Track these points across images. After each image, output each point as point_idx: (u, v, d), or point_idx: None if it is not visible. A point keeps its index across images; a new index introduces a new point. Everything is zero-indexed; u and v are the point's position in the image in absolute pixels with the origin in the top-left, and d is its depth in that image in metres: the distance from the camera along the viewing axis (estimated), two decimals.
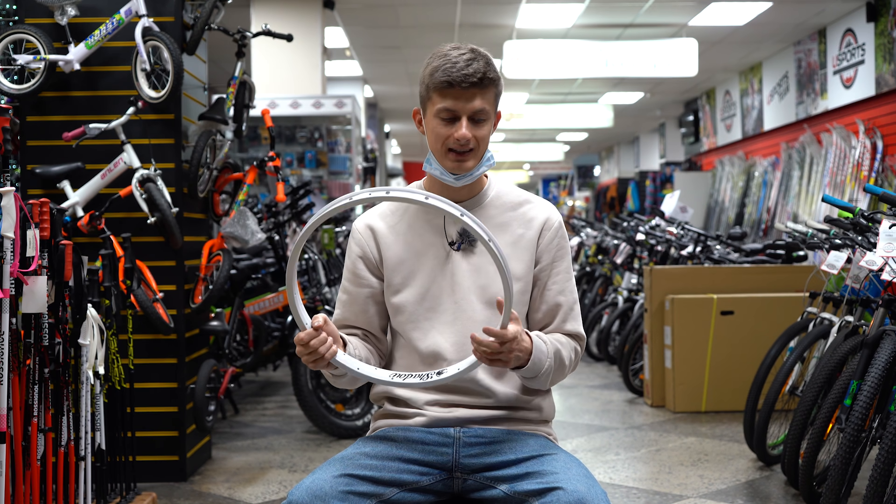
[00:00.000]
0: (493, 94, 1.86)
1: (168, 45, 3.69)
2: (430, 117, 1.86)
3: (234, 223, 4.22)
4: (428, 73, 1.84)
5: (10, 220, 2.40)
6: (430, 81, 1.83)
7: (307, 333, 1.70)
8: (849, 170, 8.44)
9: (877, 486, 2.68)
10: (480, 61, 1.82)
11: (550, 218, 1.94)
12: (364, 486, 1.74)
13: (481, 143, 1.86)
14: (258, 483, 3.94)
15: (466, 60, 1.81)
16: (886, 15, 7.98)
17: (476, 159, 1.87)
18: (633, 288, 6.72)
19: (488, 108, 1.84)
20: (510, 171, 26.69)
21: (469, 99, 1.81)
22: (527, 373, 1.79)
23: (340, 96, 8.19)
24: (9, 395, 2.39)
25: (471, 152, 1.85)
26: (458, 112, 1.82)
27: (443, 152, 1.86)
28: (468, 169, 1.87)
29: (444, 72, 1.81)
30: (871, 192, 3.37)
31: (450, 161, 1.86)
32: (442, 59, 1.82)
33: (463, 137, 1.82)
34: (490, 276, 1.88)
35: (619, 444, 4.64)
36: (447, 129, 1.84)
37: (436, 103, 1.84)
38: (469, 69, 1.80)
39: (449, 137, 1.84)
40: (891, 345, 2.96)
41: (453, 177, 1.87)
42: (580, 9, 8.77)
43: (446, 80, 1.80)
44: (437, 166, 1.89)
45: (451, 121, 1.84)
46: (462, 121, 1.82)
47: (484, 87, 1.82)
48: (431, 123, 1.86)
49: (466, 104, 1.82)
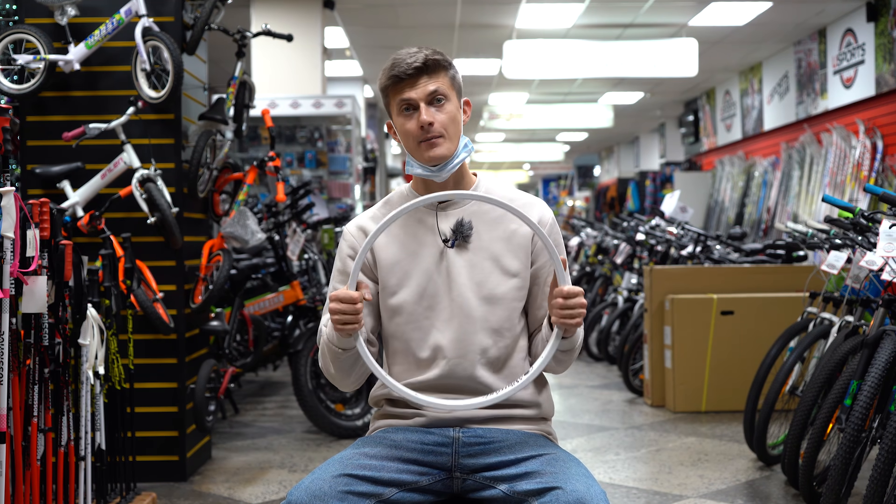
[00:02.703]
0: (446, 76, 1.88)
1: (168, 45, 3.69)
2: (395, 118, 1.90)
3: (234, 223, 4.22)
4: (379, 79, 1.91)
5: (10, 220, 2.40)
6: (382, 83, 1.90)
7: (358, 293, 1.71)
8: (849, 170, 8.44)
9: (877, 486, 2.68)
10: (425, 52, 1.87)
11: (544, 215, 1.94)
12: (363, 486, 1.74)
13: (447, 125, 1.87)
14: (258, 483, 3.95)
15: (410, 54, 1.87)
16: (886, 15, 7.98)
17: (449, 143, 1.87)
18: (633, 288, 6.72)
19: (443, 88, 1.87)
20: (510, 171, 26.68)
21: (415, 84, 1.85)
22: (573, 341, 1.83)
23: (340, 96, 8.19)
24: (9, 395, 2.39)
25: (440, 137, 1.86)
26: (412, 100, 1.86)
27: (415, 147, 1.88)
28: (444, 155, 1.87)
29: (390, 69, 1.87)
30: (871, 192, 3.37)
31: (423, 151, 1.87)
32: (390, 61, 1.89)
33: (424, 122, 1.84)
34: (485, 272, 1.88)
35: (619, 444, 4.64)
36: (410, 121, 1.87)
37: (393, 102, 1.89)
38: (411, 59, 1.85)
39: (415, 129, 1.86)
40: (891, 345, 2.96)
41: (433, 168, 1.88)
42: (580, 9, 8.77)
43: (393, 74, 1.86)
44: (416, 164, 1.90)
45: (411, 112, 1.87)
46: (420, 107, 1.85)
47: (430, 72, 1.86)
48: (398, 123, 1.90)
49: (417, 90, 1.85)
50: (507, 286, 1.88)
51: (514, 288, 1.89)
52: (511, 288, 1.89)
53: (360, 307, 1.71)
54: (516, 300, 1.90)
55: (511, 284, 1.89)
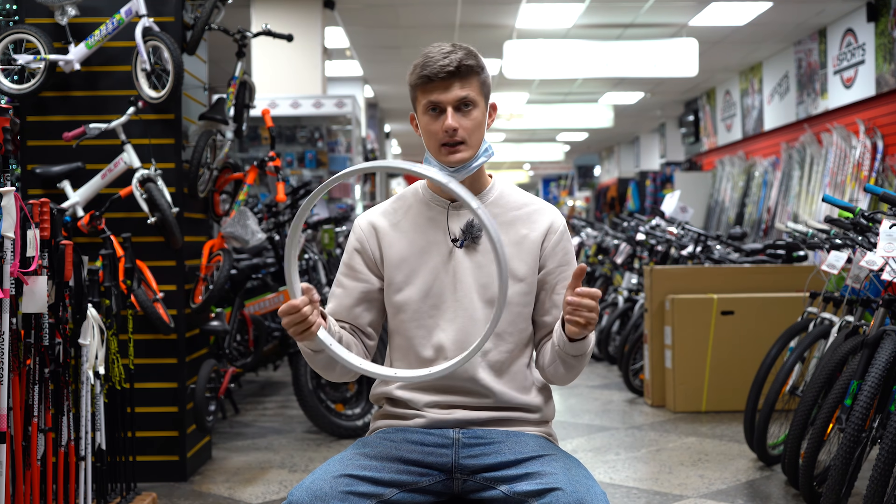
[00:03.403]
0: (477, 82, 1.87)
1: (168, 45, 3.69)
2: (420, 115, 1.89)
3: (235, 223, 4.22)
4: (410, 73, 1.89)
5: (10, 220, 2.40)
6: (413, 80, 1.88)
7: (301, 300, 1.67)
8: (849, 170, 8.44)
9: (877, 486, 2.68)
10: (459, 52, 1.85)
11: (555, 222, 1.93)
12: (364, 487, 1.74)
13: (472, 133, 1.86)
14: (258, 483, 3.94)
15: (444, 54, 1.84)
16: (887, 15, 7.98)
17: (470, 150, 1.87)
18: (633, 288, 6.72)
19: (473, 95, 1.85)
20: (510, 171, 26.68)
21: (448, 89, 1.84)
22: (583, 346, 1.78)
23: (340, 96, 8.19)
24: (9, 395, 2.39)
25: (462, 144, 1.86)
26: (441, 103, 1.85)
27: (436, 148, 1.87)
28: (462, 160, 1.86)
29: (422, 67, 1.85)
30: (871, 192, 3.37)
31: (444, 155, 1.87)
32: (422, 57, 1.86)
33: (449, 127, 1.83)
34: (492, 275, 1.88)
35: (619, 444, 4.64)
36: (436, 123, 1.86)
37: (421, 100, 1.87)
38: (445, 60, 1.83)
39: (439, 131, 1.85)
40: (891, 345, 2.96)
41: (450, 171, 1.88)
42: (580, 9, 8.77)
43: (425, 74, 1.84)
44: (434, 164, 1.89)
45: (437, 114, 1.86)
46: (447, 111, 1.84)
47: (463, 76, 1.84)
48: (422, 122, 1.89)
49: (447, 94, 1.84)
50: (513, 290, 1.88)
51: (519, 293, 1.89)
52: (517, 292, 1.88)
53: (306, 311, 1.67)
54: (521, 305, 1.90)
55: (517, 289, 1.88)
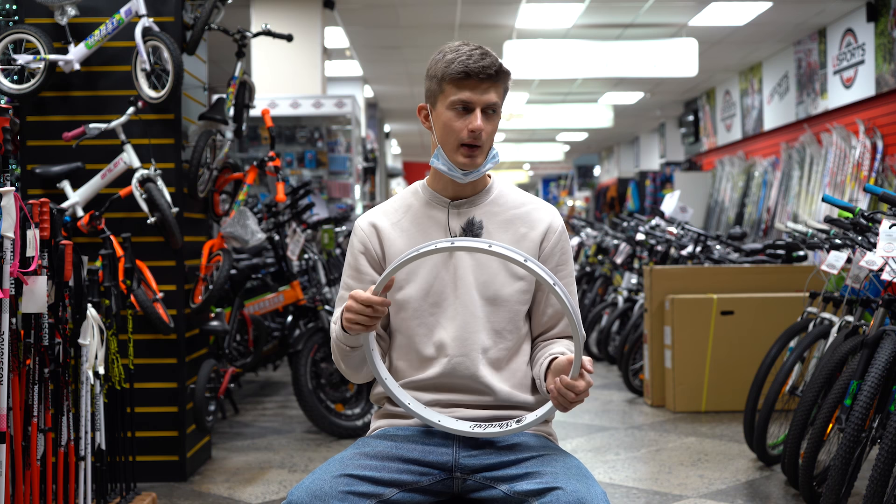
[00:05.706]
0: (503, 89, 1.89)
1: (168, 45, 3.69)
2: (443, 110, 1.87)
3: (234, 223, 4.23)
4: (443, 66, 1.85)
5: (10, 220, 2.40)
6: (446, 73, 1.84)
7: (382, 299, 1.69)
8: (849, 170, 8.44)
9: (877, 486, 2.68)
10: (493, 56, 1.86)
11: (554, 222, 1.94)
12: (364, 487, 1.74)
13: (489, 139, 1.88)
14: (258, 483, 3.95)
15: (481, 54, 1.84)
16: (886, 15, 7.98)
17: (483, 155, 1.88)
18: (633, 288, 6.72)
19: (499, 102, 1.87)
20: (510, 171, 26.68)
21: (485, 91, 1.84)
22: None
23: (340, 96, 8.19)
24: (9, 395, 2.39)
25: (479, 148, 1.86)
26: (473, 103, 1.84)
27: (454, 146, 1.86)
28: (477, 165, 1.88)
29: (461, 63, 1.82)
30: (871, 192, 3.37)
31: (461, 156, 1.86)
32: (455, 52, 1.84)
33: (478, 129, 1.83)
34: (492, 272, 1.89)
35: (619, 444, 4.64)
36: (461, 121, 1.85)
37: (449, 95, 1.85)
38: (485, 61, 1.83)
39: (462, 130, 1.84)
40: (891, 345, 2.96)
41: (462, 172, 1.88)
42: (580, 9, 8.77)
43: (464, 70, 1.82)
44: (444, 161, 1.89)
45: (465, 113, 1.85)
46: (476, 112, 1.84)
47: (498, 81, 1.85)
48: (444, 117, 1.86)
49: (482, 96, 1.84)
50: (513, 288, 1.89)
51: (518, 291, 1.90)
52: (516, 290, 1.89)
53: (381, 310, 1.70)
54: (520, 303, 1.91)
55: (516, 287, 1.89)
